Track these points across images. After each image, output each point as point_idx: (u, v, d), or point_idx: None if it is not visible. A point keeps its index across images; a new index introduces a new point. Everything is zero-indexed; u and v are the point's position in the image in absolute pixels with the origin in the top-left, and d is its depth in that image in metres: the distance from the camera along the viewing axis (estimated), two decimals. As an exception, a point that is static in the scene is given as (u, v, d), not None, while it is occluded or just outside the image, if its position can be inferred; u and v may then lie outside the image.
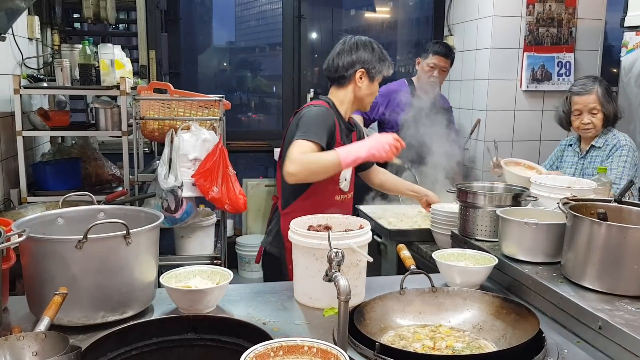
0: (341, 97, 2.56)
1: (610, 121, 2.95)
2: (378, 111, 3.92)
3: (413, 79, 3.97)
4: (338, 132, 2.48)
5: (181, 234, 3.46)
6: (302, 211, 2.34)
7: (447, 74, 3.93)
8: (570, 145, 3.15)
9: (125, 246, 1.59)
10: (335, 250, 1.43)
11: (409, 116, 3.80)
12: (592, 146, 2.99)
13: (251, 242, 5.11)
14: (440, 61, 3.80)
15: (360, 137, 2.67)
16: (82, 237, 1.52)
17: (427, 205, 2.83)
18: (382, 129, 3.98)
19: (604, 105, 2.90)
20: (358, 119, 3.90)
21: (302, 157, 2.28)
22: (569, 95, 3.03)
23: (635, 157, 2.90)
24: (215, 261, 3.44)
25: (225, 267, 2.27)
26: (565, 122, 3.10)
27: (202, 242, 3.50)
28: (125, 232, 1.57)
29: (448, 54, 3.82)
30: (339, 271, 1.41)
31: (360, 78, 2.51)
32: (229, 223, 5.23)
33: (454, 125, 4.10)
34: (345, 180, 2.55)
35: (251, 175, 5.52)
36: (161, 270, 3.87)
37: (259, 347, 1.22)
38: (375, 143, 2.31)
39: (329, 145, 2.40)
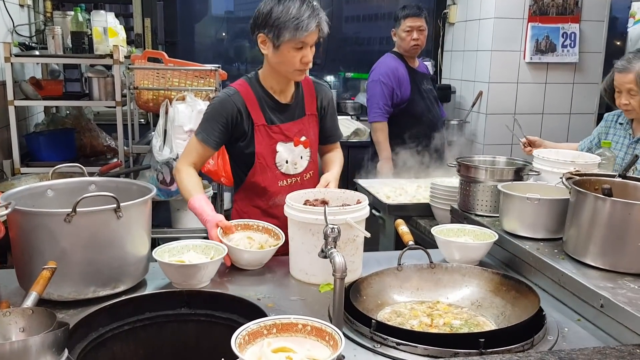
0: (263, 68, 2.20)
1: None
2: (398, 97, 3.70)
3: (395, 50, 3.81)
4: (258, 112, 2.16)
5: (177, 207, 3.42)
6: (248, 199, 2.28)
7: (426, 32, 3.75)
8: (621, 123, 2.77)
9: (116, 220, 1.55)
10: (331, 226, 1.39)
11: (413, 92, 3.73)
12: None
13: (249, 215, 5.08)
14: (414, 22, 3.65)
15: (322, 105, 2.31)
16: (70, 210, 1.47)
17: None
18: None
19: None
20: (384, 126, 3.69)
21: (179, 170, 2.17)
22: (613, 70, 2.66)
23: None
24: (211, 234, 3.41)
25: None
26: (610, 99, 2.76)
27: (199, 215, 3.46)
28: (115, 205, 1.53)
29: (419, 12, 3.68)
30: (334, 247, 1.37)
31: (264, 44, 2.10)
32: (226, 196, 5.18)
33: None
34: (287, 162, 2.22)
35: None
36: (158, 242, 3.85)
37: (252, 325, 1.19)
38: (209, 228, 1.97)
39: (234, 134, 2.16)
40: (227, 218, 2.07)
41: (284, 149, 2.21)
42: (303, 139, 2.25)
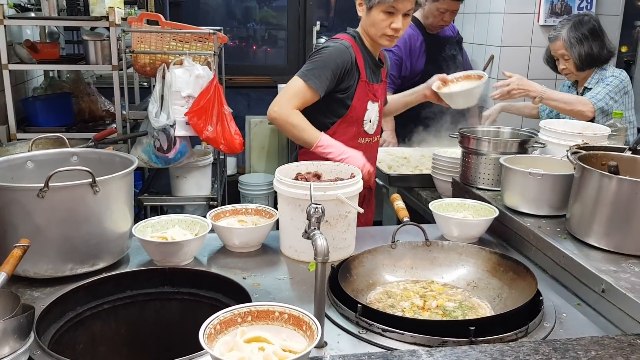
0: (361, 29, 2.28)
1: (585, 64, 2.78)
2: (407, 69, 3.49)
3: (417, 15, 3.53)
4: (363, 68, 2.23)
5: (176, 174, 3.36)
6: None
7: (456, 13, 3.52)
8: (569, 87, 3.02)
9: (92, 195, 1.48)
10: (314, 205, 1.30)
11: (429, 62, 3.51)
12: (585, 88, 2.83)
13: (254, 181, 5.01)
14: (451, 6, 3.37)
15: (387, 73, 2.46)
16: (42, 185, 1.40)
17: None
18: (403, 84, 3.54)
19: (570, 49, 2.77)
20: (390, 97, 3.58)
21: (289, 113, 2.12)
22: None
23: (622, 87, 2.71)
24: (211, 202, 3.35)
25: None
26: (553, 68, 3.02)
27: (199, 183, 3.40)
28: (91, 180, 1.45)
29: None
30: (318, 228, 1.29)
31: (360, 5, 2.20)
32: (232, 161, 5.12)
33: (465, 54, 3.82)
34: (370, 121, 2.31)
35: (254, 113, 5.34)
36: (160, 210, 3.80)
37: (224, 313, 1.12)
38: (355, 160, 2.06)
39: (340, 84, 2.18)
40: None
41: (372, 108, 2.30)
42: (379, 103, 2.35)
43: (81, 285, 1.50)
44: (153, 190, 3.61)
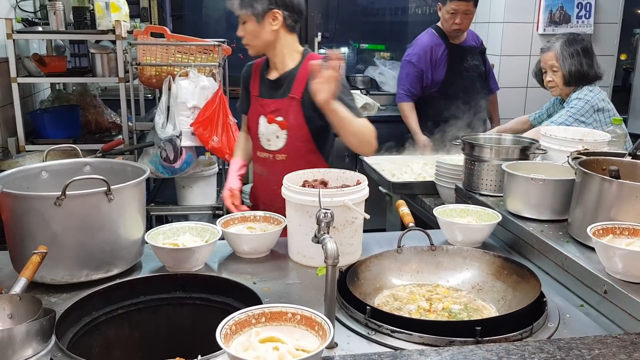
0: None
1: (573, 79, 2.84)
2: (428, 79, 3.55)
3: (439, 25, 3.59)
4: (254, 82, 2.34)
5: (182, 184, 3.41)
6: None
7: (473, 15, 3.54)
8: (561, 102, 3.04)
9: (107, 203, 1.52)
10: (324, 210, 1.34)
11: (450, 71, 3.53)
12: (563, 107, 2.89)
13: (257, 190, 5.05)
14: (460, 6, 3.40)
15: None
16: (60, 193, 1.45)
17: None
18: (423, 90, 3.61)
19: (561, 62, 2.83)
20: (408, 107, 3.61)
21: (239, 134, 2.57)
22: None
23: (590, 107, 2.75)
24: (217, 212, 3.40)
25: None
26: (540, 82, 3.08)
27: (204, 192, 3.45)
28: (106, 188, 1.50)
29: None
30: (327, 233, 1.33)
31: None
32: (235, 171, 5.15)
33: (488, 63, 3.82)
34: (269, 141, 2.26)
35: (257, 123, 5.37)
36: (165, 219, 3.84)
37: (239, 315, 1.16)
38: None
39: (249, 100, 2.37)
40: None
41: (262, 123, 2.29)
42: (279, 119, 2.24)
43: (96, 291, 1.54)
44: (159, 200, 3.65)
